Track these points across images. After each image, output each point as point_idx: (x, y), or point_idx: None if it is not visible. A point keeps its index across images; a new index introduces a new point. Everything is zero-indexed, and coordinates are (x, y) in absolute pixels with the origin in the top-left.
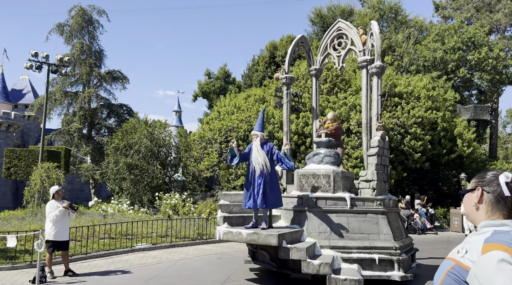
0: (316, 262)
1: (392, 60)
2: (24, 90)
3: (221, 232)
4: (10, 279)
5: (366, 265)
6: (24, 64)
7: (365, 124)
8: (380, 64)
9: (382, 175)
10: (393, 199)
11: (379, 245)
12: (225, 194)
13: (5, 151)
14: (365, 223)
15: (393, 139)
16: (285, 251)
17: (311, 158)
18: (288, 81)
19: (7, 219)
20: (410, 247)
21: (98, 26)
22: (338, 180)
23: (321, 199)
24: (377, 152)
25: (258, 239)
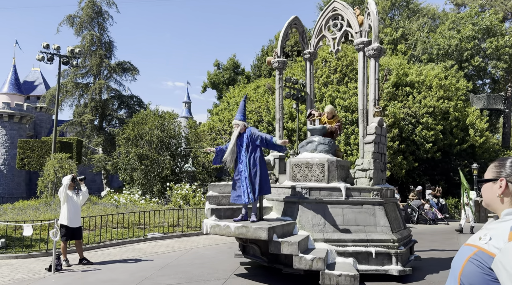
0: (308, 257)
1: (405, 49)
2: (36, 82)
3: (208, 225)
4: (27, 267)
5: (362, 259)
6: (36, 56)
7: (361, 110)
8: (378, 46)
9: (379, 164)
10: (391, 188)
11: (376, 237)
12: (213, 185)
13: (19, 142)
14: (361, 214)
15: (404, 129)
16: (276, 246)
17: (304, 146)
18: (281, 66)
19: (22, 208)
20: (409, 239)
21: (108, 17)
22: (332, 169)
23: (314, 190)
24: (374, 139)
25: (247, 232)
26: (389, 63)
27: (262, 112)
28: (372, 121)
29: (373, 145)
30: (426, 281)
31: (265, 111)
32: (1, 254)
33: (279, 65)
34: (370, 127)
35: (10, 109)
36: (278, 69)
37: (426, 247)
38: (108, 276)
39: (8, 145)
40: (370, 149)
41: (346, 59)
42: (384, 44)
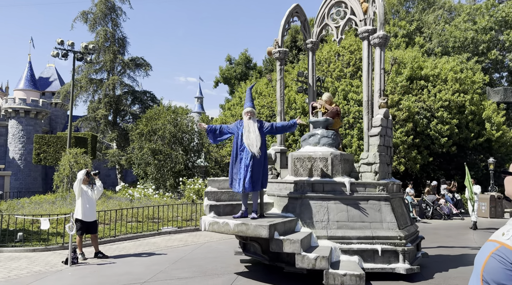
0: (311, 256)
1: (422, 42)
2: (51, 78)
3: (207, 222)
4: (44, 259)
5: (368, 257)
6: (51, 52)
7: (366, 102)
8: (383, 34)
9: (385, 157)
10: (397, 183)
11: (382, 234)
12: (212, 180)
13: (35, 137)
14: (366, 210)
15: (419, 123)
16: (277, 244)
17: (307, 140)
18: (282, 56)
19: (39, 203)
20: (416, 235)
21: (121, 13)
22: (336, 163)
23: (317, 184)
24: (379, 132)
25: (246, 230)
26: (403, 56)
27: (274, 107)
28: (378, 113)
29: (378, 138)
30: (435, 280)
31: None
32: (19, 247)
33: (280, 56)
34: (376, 119)
35: (26, 105)
36: (279, 60)
37: (442, 243)
38: (124, 269)
39: (24, 140)
40: (376, 142)
41: (360, 53)
42: (398, 37)
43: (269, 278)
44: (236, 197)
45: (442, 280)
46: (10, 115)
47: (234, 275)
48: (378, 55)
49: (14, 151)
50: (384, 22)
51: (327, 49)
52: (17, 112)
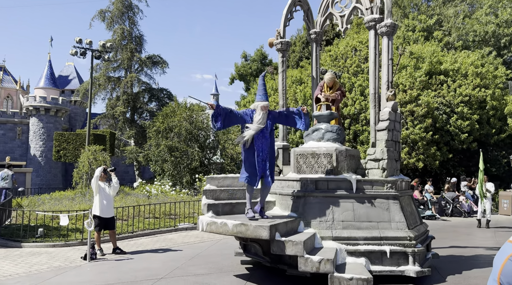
0: (315, 258)
1: (441, 36)
2: (70, 76)
3: (204, 222)
4: (63, 255)
5: (376, 259)
6: (70, 50)
7: (372, 94)
8: (391, 22)
9: (394, 153)
10: (406, 180)
11: (391, 235)
12: (211, 178)
13: (55, 134)
14: (373, 209)
15: (438, 119)
16: (279, 246)
17: (310, 135)
18: (284, 47)
19: (59, 199)
20: (426, 235)
21: (138, 12)
22: (341, 159)
23: (321, 182)
24: (387, 126)
25: (246, 231)
26: (422, 51)
27: (289, 104)
28: (385, 106)
29: (386, 132)
30: (447, 284)
31: (293, 102)
32: (40, 243)
33: (282, 47)
34: (383, 112)
35: (46, 103)
36: (281, 51)
37: (459, 241)
38: (141, 265)
39: (45, 137)
40: (383, 137)
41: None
42: (416, 32)
43: (269, 281)
44: (236, 195)
45: (456, 283)
46: (31, 113)
47: (251, 272)
48: (386, 45)
49: (35, 148)
50: (391, 10)
51: (343, 45)
52: (38, 110)
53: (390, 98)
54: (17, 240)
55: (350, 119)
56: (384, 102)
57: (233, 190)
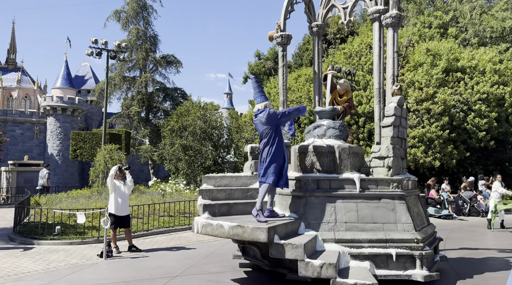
0: (316, 263)
1: (457, 32)
2: (86, 76)
3: (199, 224)
4: (80, 252)
5: (381, 262)
6: (86, 51)
7: (377, 89)
8: (396, 13)
9: (400, 150)
10: (412, 179)
11: (397, 237)
12: (208, 177)
13: (71, 134)
14: (378, 210)
15: (455, 117)
16: (277, 249)
17: (311, 131)
18: (284, 41)
19: (75, 197)
20: (434, 237)
21: (152, 12)
22: (344, 157)
23: (323, 181)
24: (393, 122)
25: (243, 233)
26: (439, 48)
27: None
28: (391, 101)
29: (392, 129)
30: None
31: (306, 101)
32: (57, 240)
33: (283, 40)
34: (389, 108)
35: (63, 103)
36: (281, 45)
37: (477, 241)
38: (156, 263)
39: (62, 136)
40: (389, 133)
41: None
42: (432, 28)
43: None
44: (234, 195)
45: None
46: (48, 113)
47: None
48: (391, 37)
49: (52, 147)
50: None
51: (358, 42)
52: (55, 110)
53: (395, 93)
54: (35, 237)
55: (365, 118)
56: (389, 97)
57: (230, 189)
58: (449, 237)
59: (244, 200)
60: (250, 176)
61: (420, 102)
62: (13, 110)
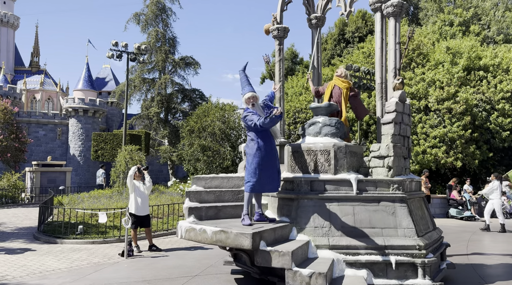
0: (305, 272)
1: (479, 30)
2: (107, 78)
3: (183, 228)
4: (102, 252)
5: (379, 271)
6: (106, 53)
7: (379, 84)
8: (398, 1)
9: (401, 149)
10: (416, 180)
11: (397, 243)
12: (198, 178)
13: (93, 135)
14: (377, 213)
15: (478, 116)
16: (263, 256)
17: (307, 129)
18: (281, 34)
19: (97, 197)
20: (439, 242)
21: (171, 14)
22: (340, 156)
23: (317, 182)
24: (394, 119)
25: (226, 239)
26: (460, 45)
27: None
28: (392, 96)
29: (392, 126)
30: None
31: None
32: (79, 239)
33: (279, 34)
34: (389, 103)
35: (84, 105)
36: (277, 39)
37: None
38: (176, 262)
39: (83, 137)
40: (389, 131)
41: (412, 43)
42: (454, 26)
43: None
44: (224, 198)
45: None
46: (70, 114)
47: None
48: (393, 27)
49: (74, 148)
50: None
51: None
52: (77, 111)
53: (397, 87)
54: (58, 236)
55: None
56: (391, 92)
57: (220, 191)
58: (471, 239)
59: (234, 203)
60: (243, 177)
61: (441, 102)
62: (37, 112)
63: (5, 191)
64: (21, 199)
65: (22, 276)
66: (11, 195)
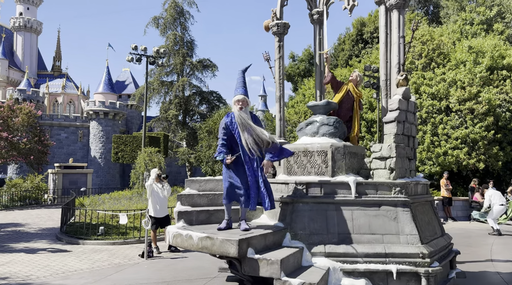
0: (295, 282)
1: (502, 28)
2: (126, 81)
3: (171, 234)
4: (123, 252)
5: (379, 280)
6: (126, 57)
7: (383, 81)
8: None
9: (405, 150)
10: (423, 182)
11: (398, 250)
12: (191, 181)
13: (113, 137)
14: (377, 218)
15: (501, 117)
16: (251, 265)
17: (303, 129)
18: (281, 30)
19: (117, 198)
20: (447, 250)
21: (189, 17)
22: (338, 157)
23: (313, 185)
24: (397, 117)
25: (212, 246)
26: (482, 45)
27: None
28: (395, 93)
29: (395, 125)
30: None
31: None
32: (101, 240)
33: (279, 30)
34: (392, 101)
35: (105, 108)
36: (277, 35)
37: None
38: (195, 264)
39: (104, 140)
40: (392, 130)
41: (433, 43)
42: (474, 25)
43: None
44: (217, 201)
45: None
46: (91, 117)
47: None
48: (396, 20)
49: (95, 150)
50: None
51: None
52: (97, 114)
53: (401, 84)
54: (80, 237)
55: None
56: (394, 88)
57: (214, 195)
58: (495, 242)
59: None
60: None
61: (462, 102)
62: (59, 115)
63: (29, 192)
64: (44, 200)
65: (45, 276)
66: (34, 196)
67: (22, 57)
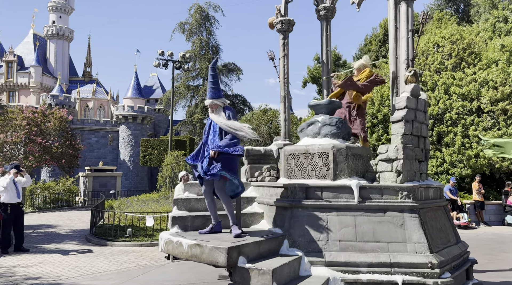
0: None
1: None
2: (154, 86)
3: (163, 240)
4: (149, 254)
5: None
6: (153, 62)
7: (392, 79)
8: None
9: (414, 151)
10: (435, 186)
11: (405, 260)
12: (190, 184)
13: (141, 141)
14: (382, 225)
15: None
16: (242, 274)
17: (305, 129)
18: (285, 27)
19: (145, 201)
20: (462, 259)
21: (214, 22)
22: (341, 160)
23: (313, 189)
24: (404, 116)
25: (201, 254)
26: None
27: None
28: (403, 91)
29: (403, 124)
30: None
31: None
32: (128, 242)
33: (283, 27)
34: (400, 99)
35: (133, 112)
36: (281, 32)
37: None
38: None
39: (132, 143)
40: (399, 130)
41: (463, 42)
42: (508, 23)
43: None
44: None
45: None
46: (120, 121)
47: None
48: (404, 13)
49: (124, 153)
50: None
51: (424, 41)
52: (126, 118)
53: (409, 80)
54: (109, 239)
55: (434, 120)
56: (402, 85)
57: None
58: None
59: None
60: (244, 183)
61: (495, 103)
62: (89, 120)
63: (60, 195)
64: (75, 203)
65: (75, 277)
66: (66, 199)
67: (55, 64)
